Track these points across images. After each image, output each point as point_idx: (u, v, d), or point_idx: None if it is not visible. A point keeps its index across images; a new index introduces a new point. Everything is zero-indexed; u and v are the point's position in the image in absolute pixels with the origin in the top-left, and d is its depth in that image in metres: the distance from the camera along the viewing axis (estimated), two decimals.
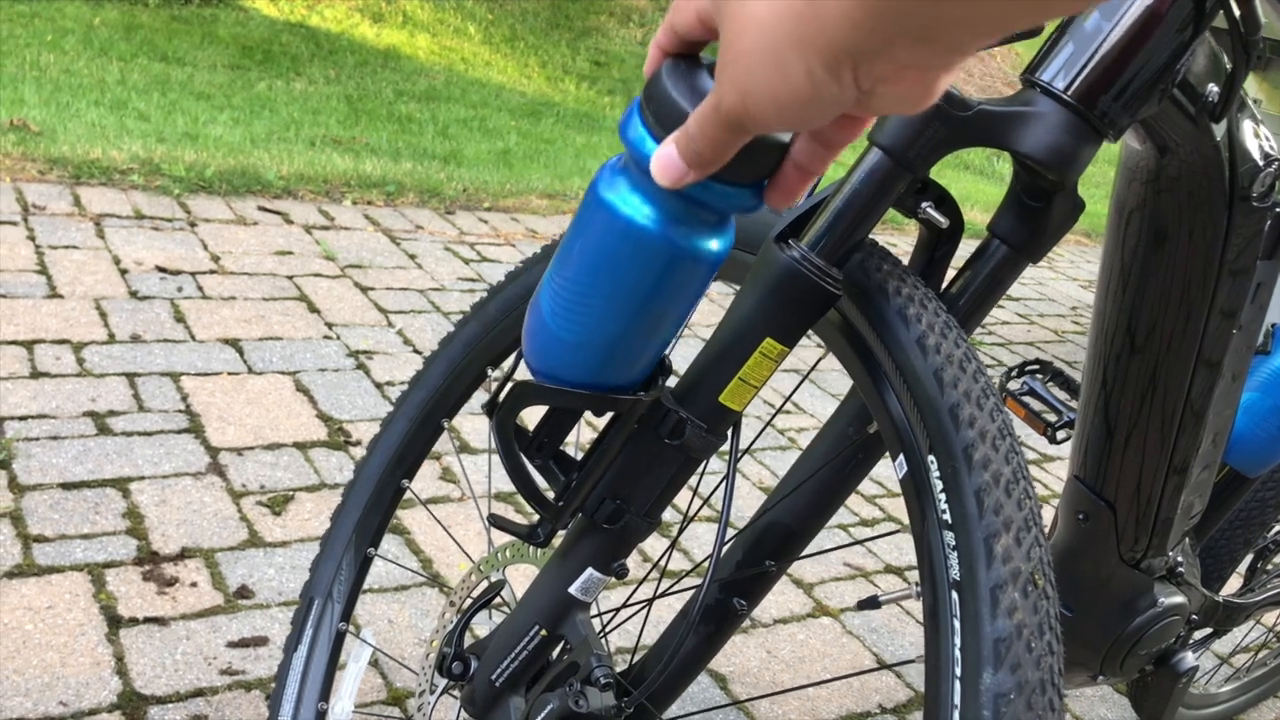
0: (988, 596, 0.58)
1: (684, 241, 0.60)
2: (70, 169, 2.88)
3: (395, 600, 1.55)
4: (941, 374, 0.64)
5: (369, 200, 3.27)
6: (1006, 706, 0.55)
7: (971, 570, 0.59)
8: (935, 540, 0.62)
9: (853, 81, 0.41)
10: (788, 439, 2.36)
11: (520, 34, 6.77)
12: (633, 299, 0.62)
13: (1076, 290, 4.19)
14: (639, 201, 0.58)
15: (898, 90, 0.42)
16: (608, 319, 0.63)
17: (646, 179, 0.55)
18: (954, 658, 0.58)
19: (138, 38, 4.85)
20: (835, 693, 1.59)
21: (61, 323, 2.09)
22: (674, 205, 0.58)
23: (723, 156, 0.48)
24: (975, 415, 0.63)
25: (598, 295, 0.62)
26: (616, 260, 0.60)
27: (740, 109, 0.44)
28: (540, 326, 0.66)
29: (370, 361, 2.25)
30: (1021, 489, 0.61)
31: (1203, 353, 0.94)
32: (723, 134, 0.46)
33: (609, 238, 0.60)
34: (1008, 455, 0.62)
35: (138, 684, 1.29)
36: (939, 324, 0.67)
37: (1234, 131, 0.83)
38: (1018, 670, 0.56)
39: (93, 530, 1.54)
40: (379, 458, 1.09)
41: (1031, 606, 0.58)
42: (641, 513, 0.75)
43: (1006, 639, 0.57)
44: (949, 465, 0.62)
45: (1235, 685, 1.65)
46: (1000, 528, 0.59)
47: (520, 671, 0.85)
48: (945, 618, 0.60)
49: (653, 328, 0.64)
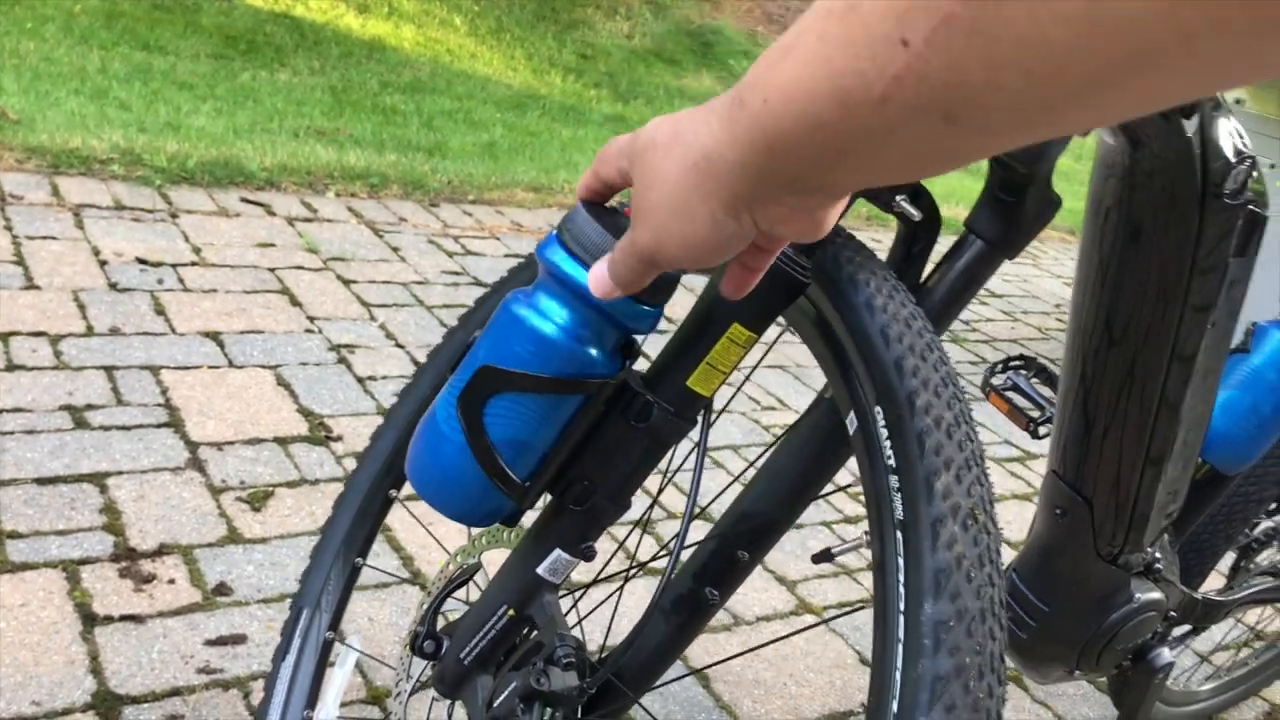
0: (928, 531, 0.59)
1: (582, 347, 0.67)
2: (49, 158, 2.86)
3: (376, 598, 1.54)
4: (887, 330, 0.66)
5: (352, 192, 3.26)
6: (946, 634, 0.56)
7: (914, 508, 0.60)
8: (881, 485, 0.63)
9: (751, 222, 0.48)
10: (772, 435, 2.35)
11: (506, 26, 6.75)
12: (531, 401, 0.68)
13: (1060, 287, 4.20)
14: (557, 307, 0.66)
15: (793, 227, 0.48)
16: (513, 418, 0.69)
17: (561, 289, 0.65)
18: (898, 594, 0.59)
19: (119, 26, 4.81)
20: (818, 691, 1.58)
21: (38, 314, 2.07)
22: (583, 314, 0.66)
23: (641, 283, 0.57)
24: (919, 365, 0.65)
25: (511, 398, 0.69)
26: (523, 362, 0.67)
27: (654, 247, 0.51)
28: (434, 440, 0.72)
29: (352, 355, 2.24)
30: (963, 432, 0.63)
31: (1177, 347, 0.94)
32: (640, 266, 0.55)
33: (519, 343, 0.67)
34: (949, 402, 0.64)
35: (113, 683, 1.28)
36: (886, 287, 0.69)
37: (1206, 128, 0.83)
38: (957, 599, 0.57)
39: (68, 526, 1.52)
40: (368, 469, 1.09)
41: (971, 540, 0.59)
42: (609, 495, 0.75)
43: (945, 569, 0.57)
44: (894, 413, 0.63)
45: (1217, 684, 1.65)
46: (940, 466, 0.60)
47: (488, 651, 0.85)
48: (890, 557, 0.60)
49: (530, 438, 0.70)
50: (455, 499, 0.72)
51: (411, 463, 0.74)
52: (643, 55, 7.13)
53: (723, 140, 0.45)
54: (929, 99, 0.35)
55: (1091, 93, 0.33)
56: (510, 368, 0.66)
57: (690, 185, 0.47)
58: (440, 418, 0.70)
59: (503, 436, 0.69)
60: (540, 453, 0.71)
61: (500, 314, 0.68)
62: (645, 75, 6.71)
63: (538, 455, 0.71)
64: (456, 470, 0.70)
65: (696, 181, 0.47)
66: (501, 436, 0.69)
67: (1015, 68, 0.33)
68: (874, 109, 0.37)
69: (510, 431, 0.69)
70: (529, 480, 0.71)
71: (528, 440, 0.69)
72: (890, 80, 0.36)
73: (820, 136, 0.40)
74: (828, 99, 0.38)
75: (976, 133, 0.36)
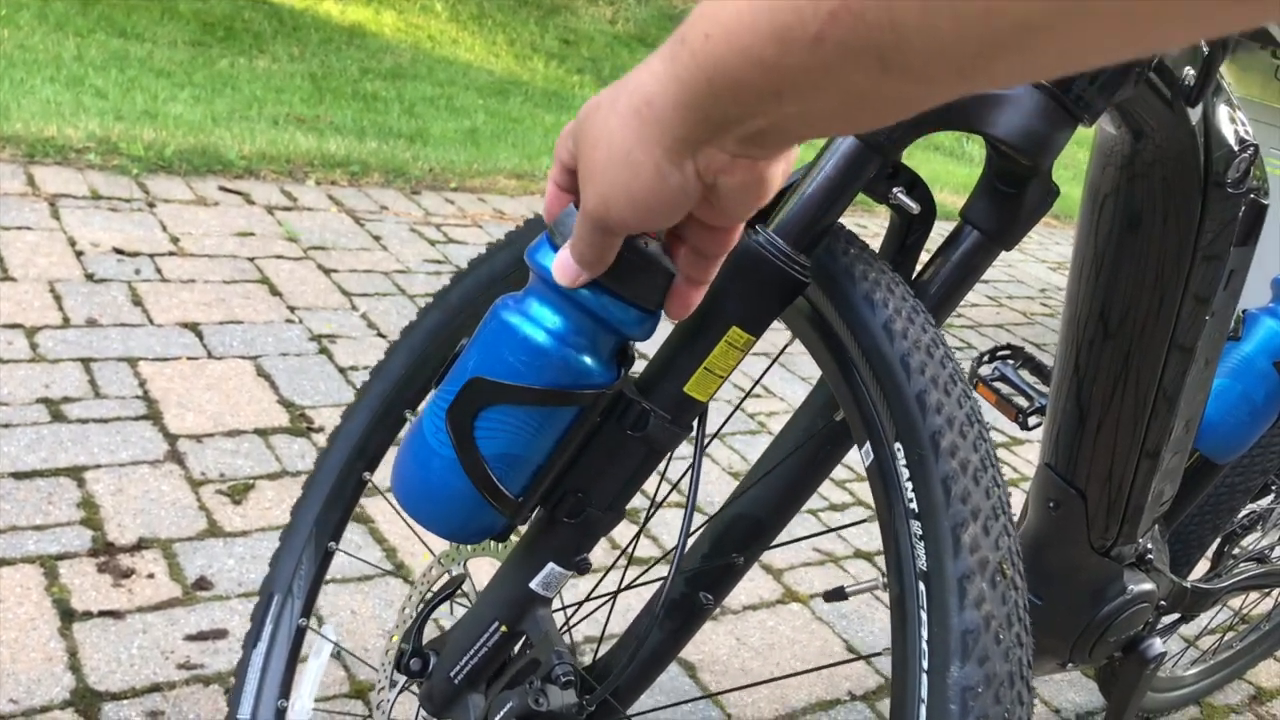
0: (955, 587, 0.57)
1: (576, 355, 0.64)
2: (24, 147, 2.81)
3: (358, 591, 1.52)
4: (909, 360, 0.63)
5: (333, 180, 3.22)
6: (974, 700, 0.54)
7: (939, 560, 0.58)
8: (902, 530, 0.61)
9: (695, 174, 0.48)
10: (758, 423, 2.34)
11: (488, 11, 6.69)
12: (524, 414, 0.66)
13: (1045, 272, 4.20)
14: (549, 313, 0.63)
15: (735, 180, 0.48)
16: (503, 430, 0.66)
17: (553, 294, 0.62)
18: (921, 650, 0.57)
19: (95, 12, 4.74)
20: (805, 680, 1.58)
21: (14, 306, 2.04)
22: (576, 318, 0.63)
23: (603, 257, 0.56)
24: (942, 401, 0.61)
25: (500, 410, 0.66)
26: (515, 373, 0.64)
27: (602, 210, 0.51)
28: (422, 455, 0.68)
29: (333, 346, 2.21)
30: (990, 476, 0.60)
31: (1175, 338, 0.93)
32: (595, 236, 0.54)
33: (510, 353, 0.64)
34: (975, 442, 0.61)
35: (91, 679, 1.25)
36: (906, 309, 0.66)
37: (1209, 116, 0.81)
38: (986, 663, 0.55)
39: (46, 521, 1.50)
40: (340, 450, 1.06)
41: (1000, 597, 0.57)
42: (603, 506, 0.73)
43: (974, 631, 0.55)
44: (915, 453, 0.61)
45: (1202, 668, 1.66)
46: (968, 516, 0.58)
47: (480, 668, 0.82)
48: (912, 609, 0.58)
49: (524, 451, 0.67)
50: (445, 516, 0.69)
51: (398, 479, 0.70)
52: (626, 40, 7.08)
53: (665, 80, 0.45)
54: (864, 39, 0.36)
55: (1024, 39, 0.33)
56: (502, 379, 0.63)
57: (632, 134, 0.47)
58: (428, 432, 0.67)
59: (495, 451, 0.66)
60: (534, 466, 0.68)
61: (490, 321, 0.65)
62: (629, 60, 6.66)
63: (531, 469, 0.68)
64: (446, 486, 0.67)
65: (638, 128, 0.47)
66: (493, 451, 0.66)
67: (948, 9, 0.33)
68: (810, 47, 0.37)
69: (502, 446, 0.66)
70: (522, 495, 0.69)
71: (521, 454, 0.66)
72: (826, 17, 0.36)
73: (759, 74, 0.40)
74: (767, 35, 0.39)
75: (912, 80, 0.37)
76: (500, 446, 0.66)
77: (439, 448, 0.66)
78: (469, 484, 0.66)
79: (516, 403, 0.64)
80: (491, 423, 0.65)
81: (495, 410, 0.65)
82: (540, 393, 0.64)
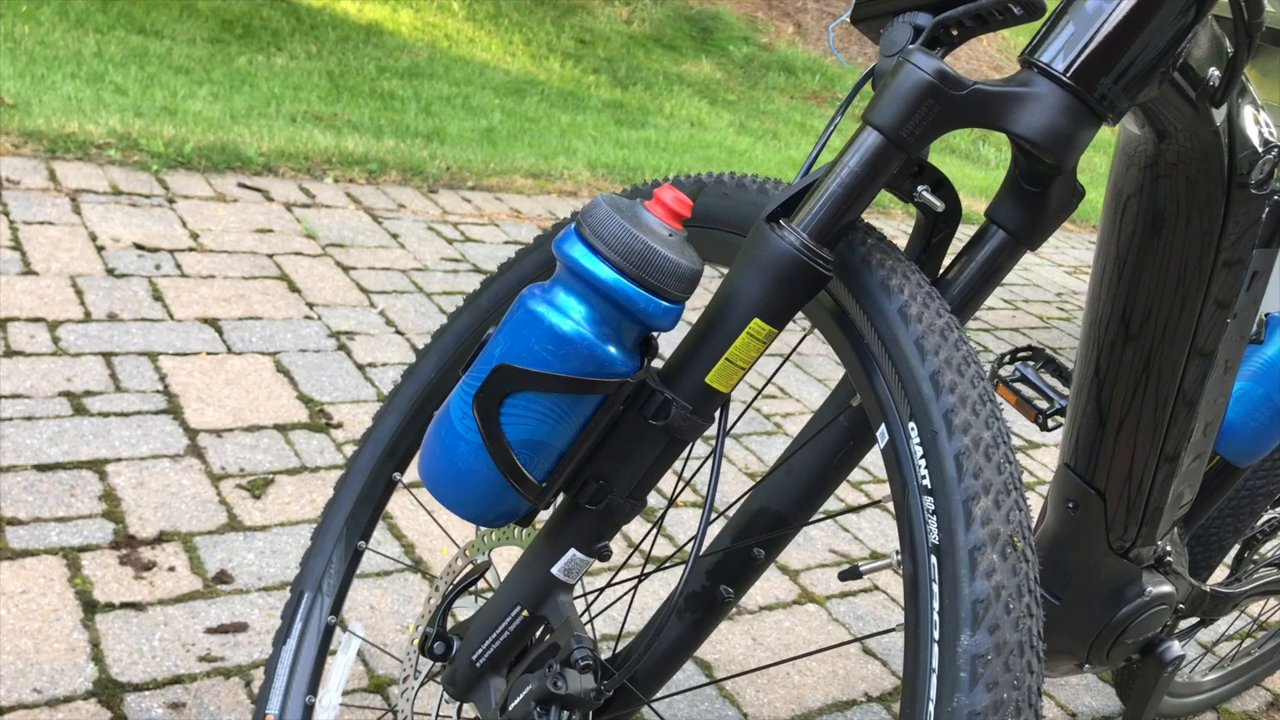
0: (966, 559, 0.57)
1: (601, 344, 0.66)
2: (45, 143, 2.83)
3: (378, 586, 1.53)
4: (923, 342, 0.64)
5: (351, 178, 3.23)
6: (984, 667, 0.55)
7: (950, 534, 0.58)
8: (915, 506, 0.61)
9: None
10: (774, 424, 2.34)
11: (504, 11, 6.71)
12: (549, 400, 0.68)
13: (1062, 276, 4.19)
14: (575, 303, 0.65)
15: None
16: (530, 416, 0.68)
17: (580, 285, 0.64)
18: (932, 621, 0.57)
19: (115, 9, 4.77)
20: (820, 680, 1.58)
21: (36, 300, 2.05)
22: (601, 308, 0.65)
23: None
24: (956, 381, 0.62)
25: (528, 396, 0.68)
26: (541, 360, 0.66)
27: None
28: (449, 440, 0.71)
29: (351, 342, 2.22)
30: (1002, 453, 0.61)
31: (1196, 341, 0.93)
32: None
33: (536, 341, 0.66)
34: (988, 420, 0.62)
35: (114, 670, 1.27)
36: (921, 294, 0.67)
37: (1234, 117, 0.81)
38: (995, 631, 0.55)
39: (68, 513, 1.51)
40: (371, 451, 1.08)
41: (1010, 569, 0.57)
42: (625, 494, 0.74)
43: (984, 600, 0.56)
44: (929, 430, 0.61)
45: (1220, 674, 1.65)
46: (979, 490, 0.59)
47: (501, 652, 0.84)
48: (924, 583, 0.59)
49: (550, 434, 0.69)
50: (470, 499, 0.71)
51: (425, 462, 0.72)
52: (641, 41, 7.09)
53: None
54: None
55: None
56: (528, 366, 0.65)
57: None
58: (455, 417, 0.69)
59: (520, 436, 0.67)
60: (558, 453, 0.69)
61: (517, 310, 0.66)
62: (644, 61, 6.67)
63: (555, 455, 0.69)
64: (472, 471, 0.69)
65: None
66: (518, 436, 0.67)
67: None
68: None
69: (527, 431, 0.67)
70: (546, 481, 0.70)
71: (545, 440, 0.68)
72: None
73: None
74: None
75: None
76: (525, 432, 0.67)
77: (465, 433, 0.68)
78: (494, 468, 0.68)
79: (541, 390, 0.65)
80: (517, 409, 0.66)
81: (521, 397, 0.66)
82: (565, 380, 0.65)
